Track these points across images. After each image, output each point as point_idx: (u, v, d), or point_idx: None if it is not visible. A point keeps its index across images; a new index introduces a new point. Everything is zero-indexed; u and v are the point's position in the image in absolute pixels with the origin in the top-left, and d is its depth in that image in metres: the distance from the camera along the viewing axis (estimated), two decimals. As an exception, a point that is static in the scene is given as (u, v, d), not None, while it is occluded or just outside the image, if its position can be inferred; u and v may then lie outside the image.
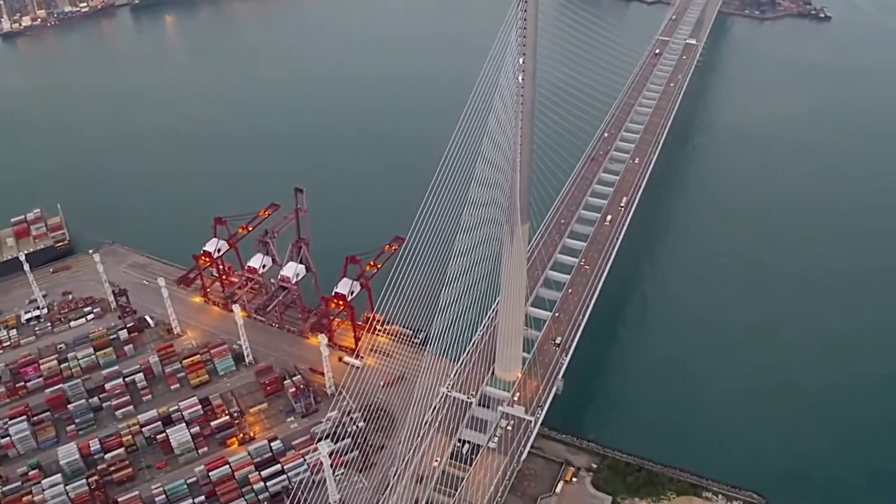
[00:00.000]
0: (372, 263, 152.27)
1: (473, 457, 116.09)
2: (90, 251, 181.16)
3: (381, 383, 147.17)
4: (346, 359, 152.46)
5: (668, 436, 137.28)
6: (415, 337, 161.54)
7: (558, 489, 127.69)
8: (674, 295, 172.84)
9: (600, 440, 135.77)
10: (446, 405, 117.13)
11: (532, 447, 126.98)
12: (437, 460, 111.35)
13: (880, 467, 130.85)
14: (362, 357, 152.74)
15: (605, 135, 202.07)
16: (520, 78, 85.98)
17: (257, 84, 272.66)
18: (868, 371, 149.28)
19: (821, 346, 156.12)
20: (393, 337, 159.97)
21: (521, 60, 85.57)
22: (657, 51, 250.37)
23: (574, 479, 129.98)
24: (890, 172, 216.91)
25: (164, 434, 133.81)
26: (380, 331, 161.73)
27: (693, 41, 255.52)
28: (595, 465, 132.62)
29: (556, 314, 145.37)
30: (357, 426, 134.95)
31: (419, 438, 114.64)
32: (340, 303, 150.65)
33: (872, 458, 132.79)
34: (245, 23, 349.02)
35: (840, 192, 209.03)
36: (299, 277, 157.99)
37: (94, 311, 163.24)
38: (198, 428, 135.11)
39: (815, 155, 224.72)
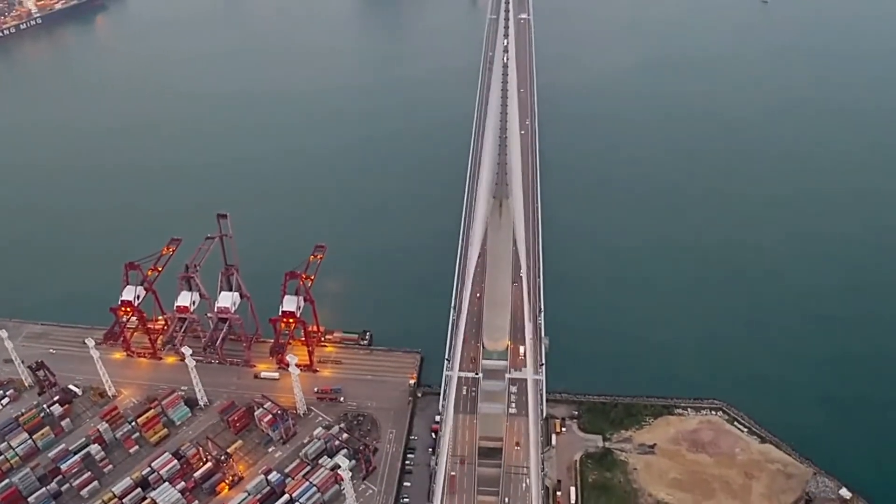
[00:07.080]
0: (305, 276, 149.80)
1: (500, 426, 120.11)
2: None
3: (316, 389, 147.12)
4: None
5: (629, 372, 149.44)
6: (362, 339, 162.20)
7: (553, 441, 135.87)
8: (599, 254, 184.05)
9: (571, 389, 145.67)
10: (456, 386, 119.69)
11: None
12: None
13: (815, 365, 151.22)
14: (315, 369, 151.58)
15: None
16: (504, 59, 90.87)
17: (95, 120, 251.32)
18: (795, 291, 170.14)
19: (741, 284, 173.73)
20: (341, 343, 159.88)
21: (504, 43, 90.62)
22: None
23: (563, 430, 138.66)
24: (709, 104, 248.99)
25: (146, 500, 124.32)
26: (327, 341, 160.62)
27: (524, 16, 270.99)
28: (576, 413, 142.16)
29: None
30: (348, 434, 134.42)
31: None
32: (291, 320, 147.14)
33: (809, 358, 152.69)
34: (45, 63, 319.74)
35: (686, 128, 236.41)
36: (236, 306, 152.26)
37: (8, 393, 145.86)
38: (182, 483, 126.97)
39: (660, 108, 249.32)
